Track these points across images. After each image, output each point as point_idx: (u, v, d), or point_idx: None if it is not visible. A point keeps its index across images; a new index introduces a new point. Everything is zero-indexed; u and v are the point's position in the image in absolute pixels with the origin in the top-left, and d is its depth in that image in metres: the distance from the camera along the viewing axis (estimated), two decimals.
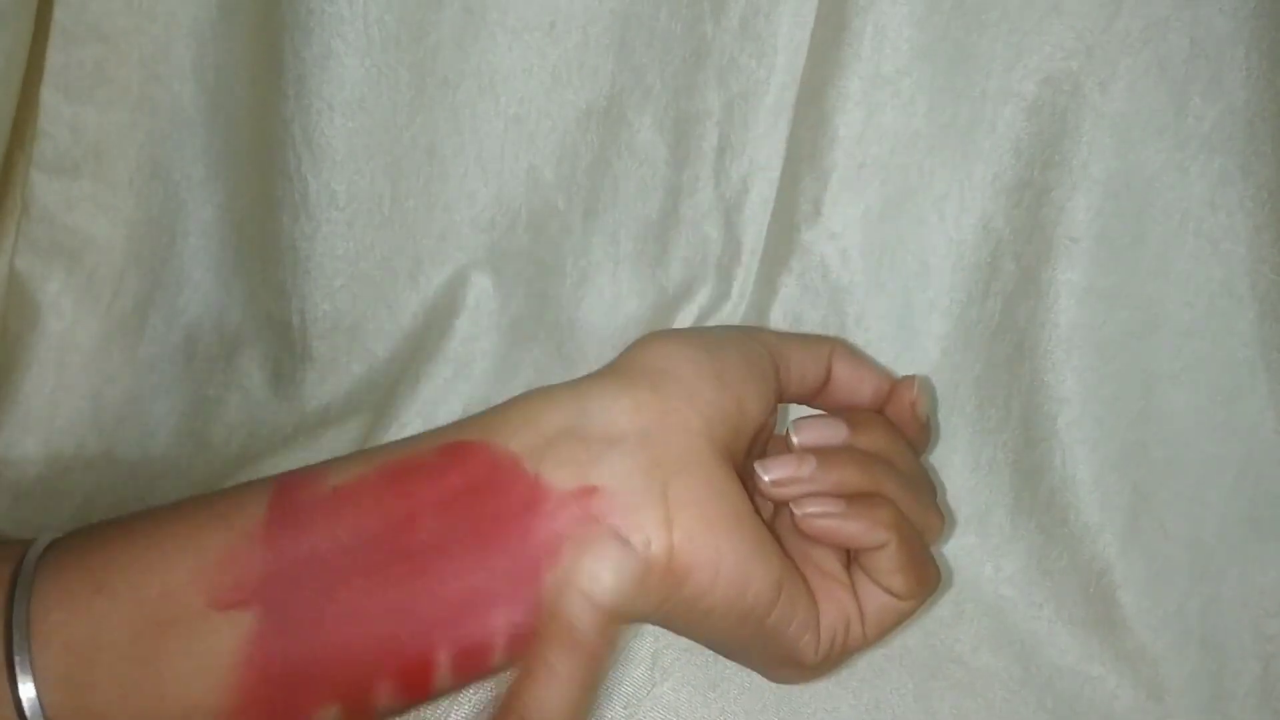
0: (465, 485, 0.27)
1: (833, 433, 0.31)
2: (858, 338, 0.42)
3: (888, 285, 0.41)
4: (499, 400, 0.43)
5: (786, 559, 0.29)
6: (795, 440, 0.31)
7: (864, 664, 0.39)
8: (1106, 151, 0.38)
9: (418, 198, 0.41)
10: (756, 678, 0.37)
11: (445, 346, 0.42)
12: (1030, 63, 0.38)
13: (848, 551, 0.32)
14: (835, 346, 0.34)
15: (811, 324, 0.42)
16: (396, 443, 0.29)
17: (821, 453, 0.31)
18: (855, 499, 0.30)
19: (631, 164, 0.42)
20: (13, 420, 0.40)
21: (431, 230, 0.42)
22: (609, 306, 0.44)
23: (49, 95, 0.38)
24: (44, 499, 0.39)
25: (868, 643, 0.31)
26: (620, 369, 0.30)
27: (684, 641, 0.37)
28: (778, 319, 0.42)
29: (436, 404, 0.42)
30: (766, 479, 0.30)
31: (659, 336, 0.31)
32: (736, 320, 0.44)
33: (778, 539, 0.30)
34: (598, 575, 0.26)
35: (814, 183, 0.40)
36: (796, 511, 0.29)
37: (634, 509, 0.27)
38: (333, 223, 0.40)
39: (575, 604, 0.26)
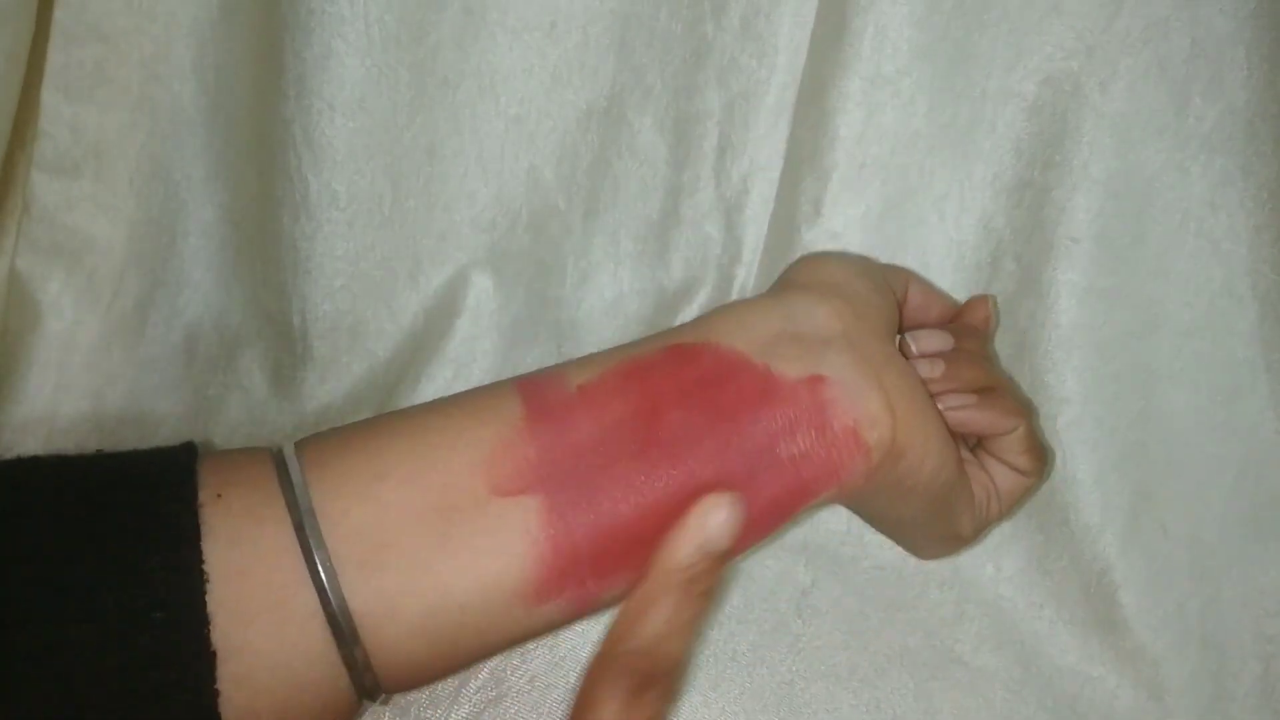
0: (700, 378, 0.29)
1: (944, 341, 0.35)
2: None
3: None
4: None
5: (951, 441, 0.33)
6: (914, 347, 0.35)
7: (865, 663, 0.39)
8: (1107, 151, 0.38)
9: (418, 198, 0.41)
10: (756, 677, 0.37)
11: (445, 347, 0.42)
12: (1031, 63, 0.38)
13: (966, 439, 0.36)
14: (910, 274, 0.38)
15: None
16: (618, 347, 0.31)
17: (943, 355, 0.34)
18: (982, 392, 0.34)
19: (632, 164, 0.42)
20: (13, 420, 0.40)
21: (432, 230, 0.42)
22: (609, 306, 0.44)
23: (49, 95, 0.38)
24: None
25: (1003, 515, 0.35)
26: (803, 284, 0.33)
27: None
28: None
29: None
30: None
31: (825, 258, 0.35)
32: None
33: None
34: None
35: (814, 183, 0.40)
36: (941, 405, 0.33)
37: (860, 394, 0.29)
38: (333, 223, 0.40)
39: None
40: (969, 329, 0.37)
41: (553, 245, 0.43)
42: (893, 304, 0.34)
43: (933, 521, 0.34)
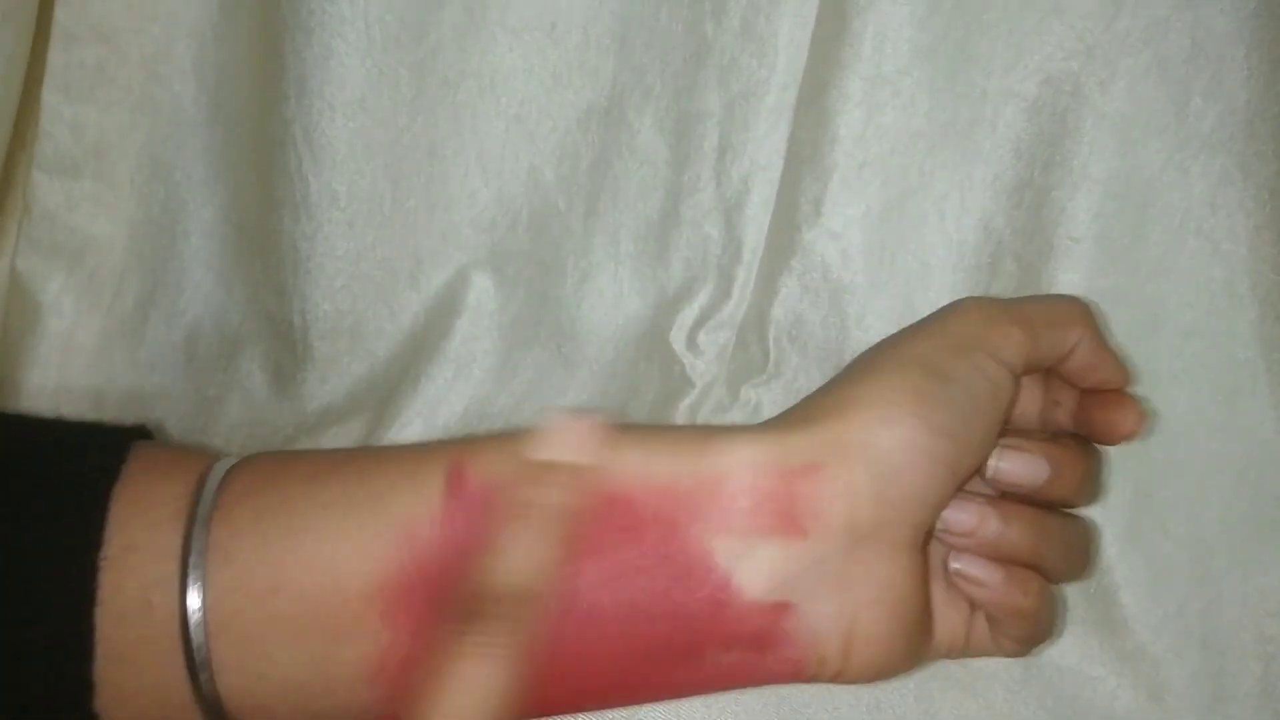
0: (642, 559, 0.26)
1: (1035, 475, 0.29)
2: (858, 338, 0.41)
3: (888, 285, 0.41)
4: (499, 400, 0.43)
5: (930, 635, 0.29)
6: (994, 465, 0.29)
7: None
8: (1107, 152, 0.38)
9: (418, 198, 0.41)
10: None
11: (446, 346, 0.42)
12: (1031, 63, 0.38)
13: None
14: (1085, 332, 0.30)
15: (812, 324, 0.42)
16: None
17: (1003, 506, 0.29)
18: (1012, 571, 0.29)
19: (632, 164, 0.42)
20: None
21: (432, 230, 0.42)
22: (610, 306, 0.44)
23: (50, 95, 0.38)
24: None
25: (954, 658, 0.31)
26: (846, 452, 0.26)
27: None
28: (779, 319, 0.42)
29: (437, 404, 0.42)
30: (941, 516, 0.29)
31: (898, 414, 0.26)
32: (738, 320, 0.44)
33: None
34: None
35: (815, 183, 0.40)
36: (953, 563, 0.29)
37: (819, 638, 0.26)
38: (333, 223, 0.40)
39: None
40: (1077, 461, 0.30)
41: (553, 245, 0.43)
42: (969, 468, 0.27)
43: None
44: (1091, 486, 0.32)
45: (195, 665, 0.25)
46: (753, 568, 0.26)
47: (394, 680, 0.26)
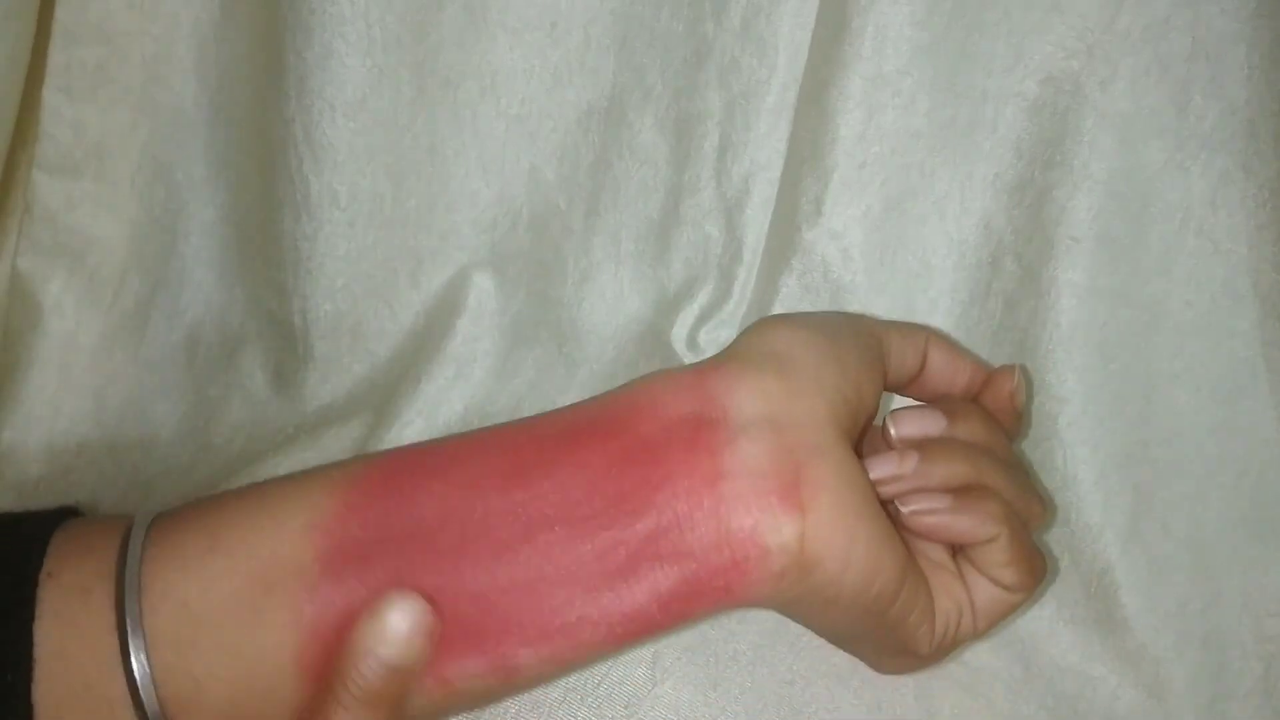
0: (582, 459, 0.27)
1: (931, 423, 0.31)
2: None
3: (889, 285, 0.41)
4: (500, 400, 0.43)
5: (909, 551, 0.29)
6: (893, 432, 0.31)
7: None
8: (1108, 151, 0.38)
9: (419, 198, 0.41)
10: (757, 677, 0.37)
11: (446, 346, 0.42)
12: (1031, 62, 0.38)
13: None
14: (930, 335, 0.33)
15: None
16: (515, 422, 0.29)
17: (923, 446, 0.30)
18: (961, 493, 0.30)
19: (633, 164, 0.42)
20: (15, 420, 0.40)
21: (433, 230, 0.42)
22: (610, 306, 0.44)
23: (51, 95, 0.38)
24: (46, 498, 0.39)
25: (978, 634, 0.31)
26: (742, 354, 0.29)
27: (685, 641, 0.37)
28: None
29: (438, 404, 0.42)
30: (869, 477, 0.29)
31: (777, 321, 0.30)
32: (738, 319, 0.44)
33: None
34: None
35: (815, 182, 0.40)
36: (902, 509, 0.29)
37: (766, 492, 0.26)
38: (334, 223, 0.40)
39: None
40: (969, 408, 0.32)
41: (553, 245, 0.43)
42: (859, 378, 0.29)
43: (870, 638, 0.30)
44: (1003, 440, 0.32)
45: (127, 636, 0.25)
46: (683, 443, 0.27)
47: (318, 659, 0.25)
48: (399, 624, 0.25)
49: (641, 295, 0.44)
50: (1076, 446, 0.39)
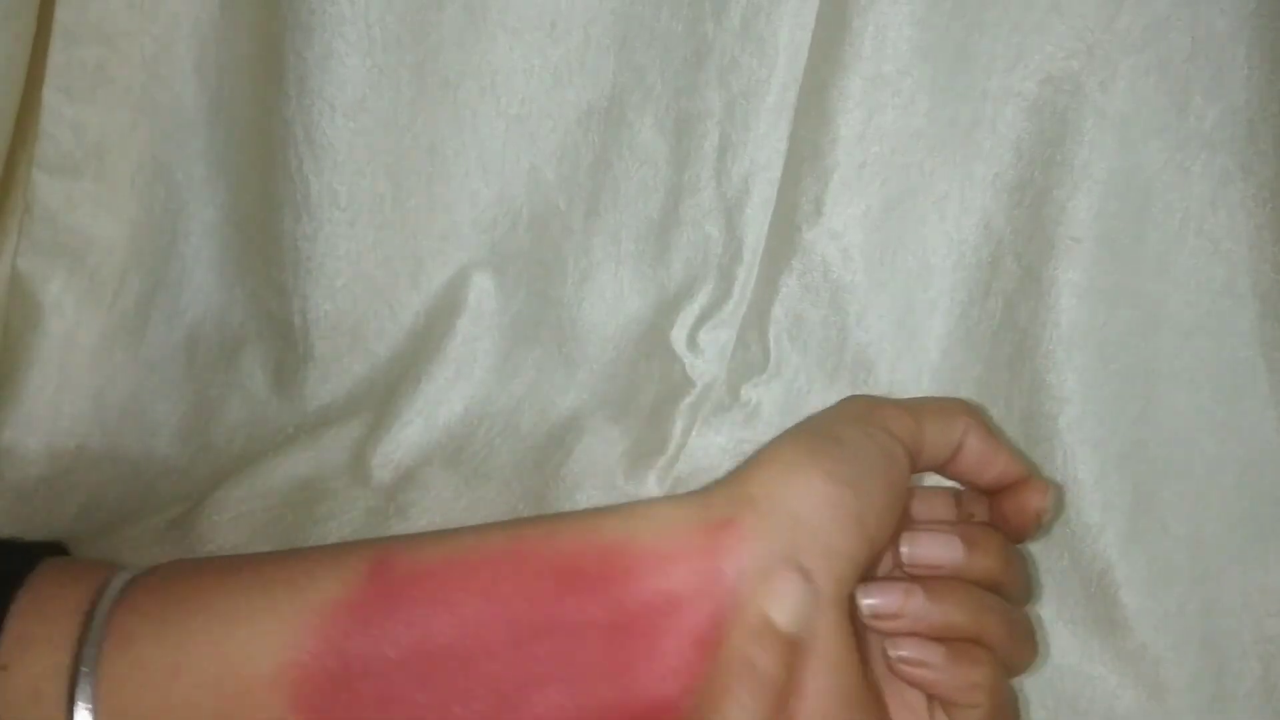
0: (589, 625, 0.25)
1: (948, 555, 0.29)
2: (858, 337, 0.41)
3: (889, 285, 0.41)
4: (500, 400, 0.43)
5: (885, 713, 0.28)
6: (906, 552, 0.29)
7: None
8: (1108, 151, 0.38)
9: (419, 198, 0.41)
10: None
11: (446, 346, 0.42)
12: (1031, 62, 0.38)
13: None
14: (970, 424, 0.31)
15: (812, 323, 0.42)
16: (505, 533, 0.27)
17: (930, 583, 0.29)
18: (954, 646, 0.28)
19: (633, 164, 0.42)
20: (15, 420, 0.40)
21: (433, 230, 0.42)
22: (610, 306, 0.44)
23: (51, 95, 0.38)
24: (46, 498, 0.39)
25: None
26: (758, 507, 0.27)
27: None
28: (779, 318, 0.42)
29: (438, 404, 0.42)
30: (865, 604, 0.28)
31: (797, 467, 0.27)
32: (738, 320, 0.44)
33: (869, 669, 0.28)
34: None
35: (815, 182, 0.40)
36: (891, 651, 0.28)
37: (759, 707, 0.25)
38: (334, 223, 0.40)
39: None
40: (990, 539, 0.30)
41: (553, 245, 0.43)
42: (879, 531, 0.27)
43: None
44: (1017, 574, 0.31)
45: None
46: (683, 622, 0.25)
47: None
48: (790, 590, 0.24)
49: (641, 295, 0.44)
50: (1076, 446, 0.39)
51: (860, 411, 0.30)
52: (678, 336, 0.44)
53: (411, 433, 0.41)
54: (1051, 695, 0.38)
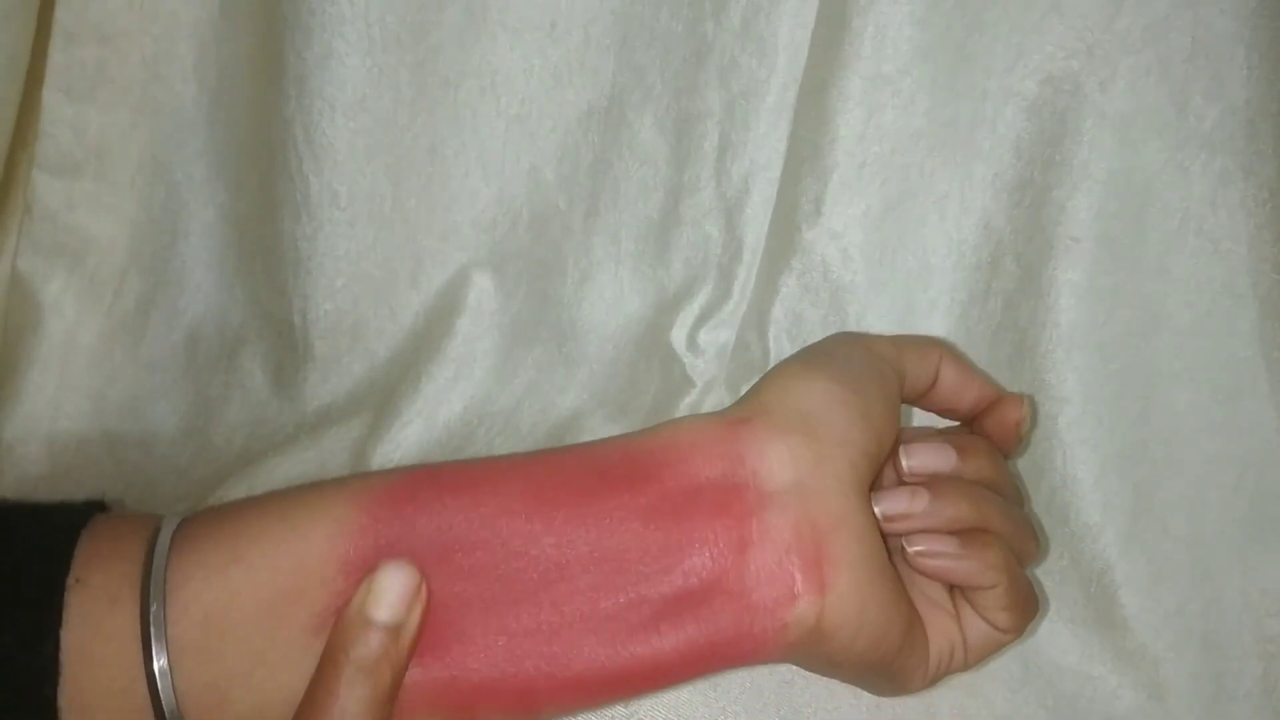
0: (617, 516, 0.27)
1: (943, 459, 0.32)
2: None
3: (889, 285, 0.41)
4: (500, 400, 0.43)
5: (912, 604, 0.30)
6: (905, 465, 0.32)
7: None
8: (1107, 151, 0.38)
9: (419, 198, 0.41)
10: (757, 677, 0.37)
11: (446, 346, 0.42)
12: (1031, 62, 0.38)
13: None
14: (944, 352, 0.34)
15: (812, 323, 0.42)
16: (537, 454, 0.30)
17: (933, 485, 0.31)
18: (966, 536, 0.30)
19: (633, 164, 0.42)
20: (16, 419, 0.40)
21: (433, 230, 0.42)
22: (610, 306, 0.44)
23: (51, 96, 0.38)
24: (46, 497, 0.39)
25: (967, 667, 0.32)
26: (771, 410, 0.29)
27: None
28: (779, 318, 0.42)
29: (438, 404, 0.42)
30: (877, 510, 0.30)
31: (804, 373, 0.30)
32: (738, 319, 0.44)
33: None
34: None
35: (815, 182, 0.40)
36: (909, 548, 0.30)
37: (788, 568, 0.27)
38: (334, 223, 0.40)
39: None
40: (978, 444, 0.33)
41: (553, 245, 0.43)
42: (882, 429, 0.30)
43: (866, 680, 0.31)
44: (1008, 476, 0.34)
45: (150, 643, 0.25)
46: (712, 507, 0.27)
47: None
48: (391, 587, 0.25)
49: (641, 295, 0.44)
50: (1076, 446, 0.39)
51: (851, 338, 0.33)
52: (678, 336, 0.44)
53: (411, 433, 0.41)
54: (1051, 695, 0.38)
